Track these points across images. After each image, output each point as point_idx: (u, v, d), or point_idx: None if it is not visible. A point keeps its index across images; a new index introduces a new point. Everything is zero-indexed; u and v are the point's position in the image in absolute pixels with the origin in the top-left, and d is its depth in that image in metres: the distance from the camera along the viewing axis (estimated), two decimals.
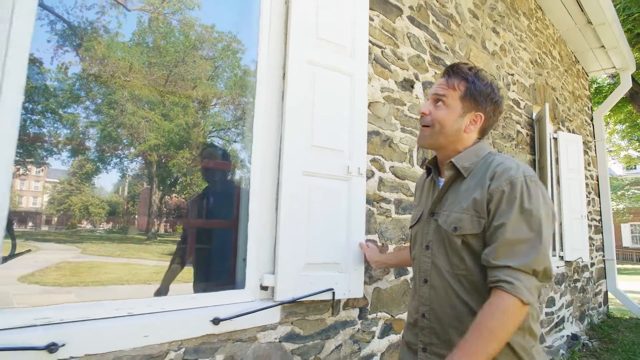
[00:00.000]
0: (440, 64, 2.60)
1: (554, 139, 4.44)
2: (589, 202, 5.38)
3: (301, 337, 1.61)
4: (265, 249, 1.55)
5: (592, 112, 6.28)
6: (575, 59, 5.78)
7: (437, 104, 1.17)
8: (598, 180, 5.99)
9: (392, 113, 2.18)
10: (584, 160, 4.99)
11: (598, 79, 9.74)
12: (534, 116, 4.12)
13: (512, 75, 3.69)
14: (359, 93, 1.83)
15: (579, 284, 4.83)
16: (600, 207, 5.95)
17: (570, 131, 5.07)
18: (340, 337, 1.77)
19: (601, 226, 5.91)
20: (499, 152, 1.21)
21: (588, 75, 6.43)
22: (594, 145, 6.05)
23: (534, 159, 4.01)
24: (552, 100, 4.60)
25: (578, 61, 5.88)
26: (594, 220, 5.65)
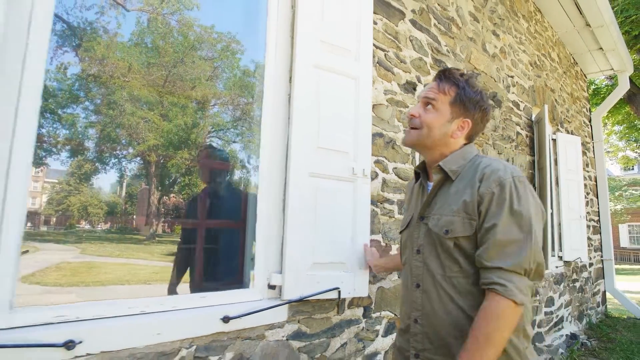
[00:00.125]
0: (442, 67, 2.64)
1: (553, 140, 4.48)
2: (587, 203, 5.42)
3: (307, 335, 1.64)
4: (272, 249, 1.58)
5: (591, 114, 6.32)
6: (574, 60, 5.83)
7: (427, 107, 1.19)
8: (596, 181, 6.03)
9: (395, 115, 2.21)
10: (582, 161, 5.03)
11: (596, 80, 9.80)
12: (533, 118, 4.16)
13: (512, 77, 3.73)
14: (364, 96, 1.86)
15: (577, 284, 4.87)
16: (599, 208, 6.00)
17: (569, 132, 5.11)
18: (346, 336, 1.80)
19: (599, 226, 5.96)
20: (485, 155, 1.23)
21: (586, 77, 6.47)
22: (592, 146, 6.10)
23: (534, 160, 4.05)
24: (551, 101, 4.64)
25: (576, 63, 5.93)
26: (593, 221, 5.69)
